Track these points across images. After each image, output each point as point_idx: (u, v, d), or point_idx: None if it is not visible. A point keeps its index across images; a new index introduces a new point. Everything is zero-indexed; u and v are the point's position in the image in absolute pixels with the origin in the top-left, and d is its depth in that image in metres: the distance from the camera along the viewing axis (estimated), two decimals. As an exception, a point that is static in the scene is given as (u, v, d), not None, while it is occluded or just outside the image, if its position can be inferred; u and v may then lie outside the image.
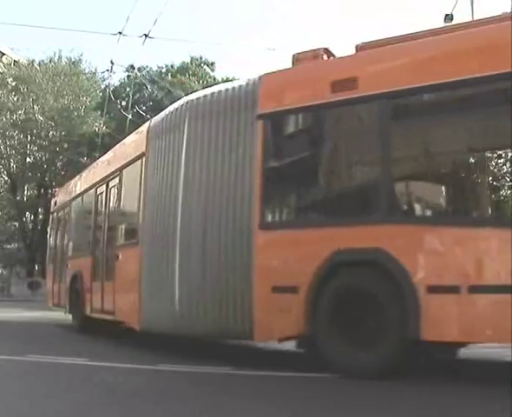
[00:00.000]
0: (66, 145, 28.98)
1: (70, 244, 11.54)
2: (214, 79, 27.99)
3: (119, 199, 8.70)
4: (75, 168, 15.90)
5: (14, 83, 29.00)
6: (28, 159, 30.38)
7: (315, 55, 5.91)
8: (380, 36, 5.58)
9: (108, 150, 10.31)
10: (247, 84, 6.18)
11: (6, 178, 30.29)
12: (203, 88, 25.28)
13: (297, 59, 6.01)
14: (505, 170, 5.09)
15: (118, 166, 8.76)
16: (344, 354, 5.04)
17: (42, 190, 30.14)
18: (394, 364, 4.82)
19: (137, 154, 7.87)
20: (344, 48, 6.20)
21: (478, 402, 4.03)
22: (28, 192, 32.58)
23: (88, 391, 4.66)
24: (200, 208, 6.24)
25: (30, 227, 30.88)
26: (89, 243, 9.94)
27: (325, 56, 5.96)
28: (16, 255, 31.36)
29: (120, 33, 13.63)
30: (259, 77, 6.10)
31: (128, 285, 7.69)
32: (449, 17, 12.50)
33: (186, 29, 54.54)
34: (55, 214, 13.47)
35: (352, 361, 4.98)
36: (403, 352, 4.80)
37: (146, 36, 13.60)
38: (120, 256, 8.11)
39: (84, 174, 11.64)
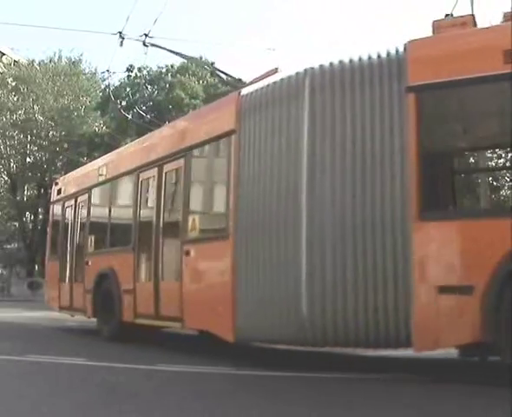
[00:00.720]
0: (66, 145, 28.95)
1: (91, 238, 9.94)
2: (214, 79, 27.94)
3: (185, 185, 7.36)
4: (75, 169, 15.84)
5: (14, 83, 28.99)
6: (28, 159, 30.36)
7: (463, 22, 5.31)
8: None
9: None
10: (388, 52, 5.45)
11: (6, 178, 30.28)
12: (203, 88, 25.43)
13: (438, 27, 5.38)
14: None
15: (182, 146, 7.46)
16: None
17: (42, 190, 30.07)
18: None
19: (221, 131, 6.67)
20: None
21: (477, 404, 4.01)
22: (28, 192, 32.57)
23: (88, 391, 4.67)
24: (336, 193, 5.37)
25: (30, 227, 30.84)
26: (129, 237, 8.49)
27: (472, 25, 5.35)
28: (16, 255, 31.32)
29: (120, 33, 13.60)
30: (405, 45, 5.33)
31: (212, 286, 6.69)
32: (449, 17, 12.49)
33: (186, 29, 54.49)
34: (59, 204, 11.53)
35: None
36: None
37: (146, 35, 13.57)
38: (192, 253, 6.92)
39: (110, 158, 10.25)
